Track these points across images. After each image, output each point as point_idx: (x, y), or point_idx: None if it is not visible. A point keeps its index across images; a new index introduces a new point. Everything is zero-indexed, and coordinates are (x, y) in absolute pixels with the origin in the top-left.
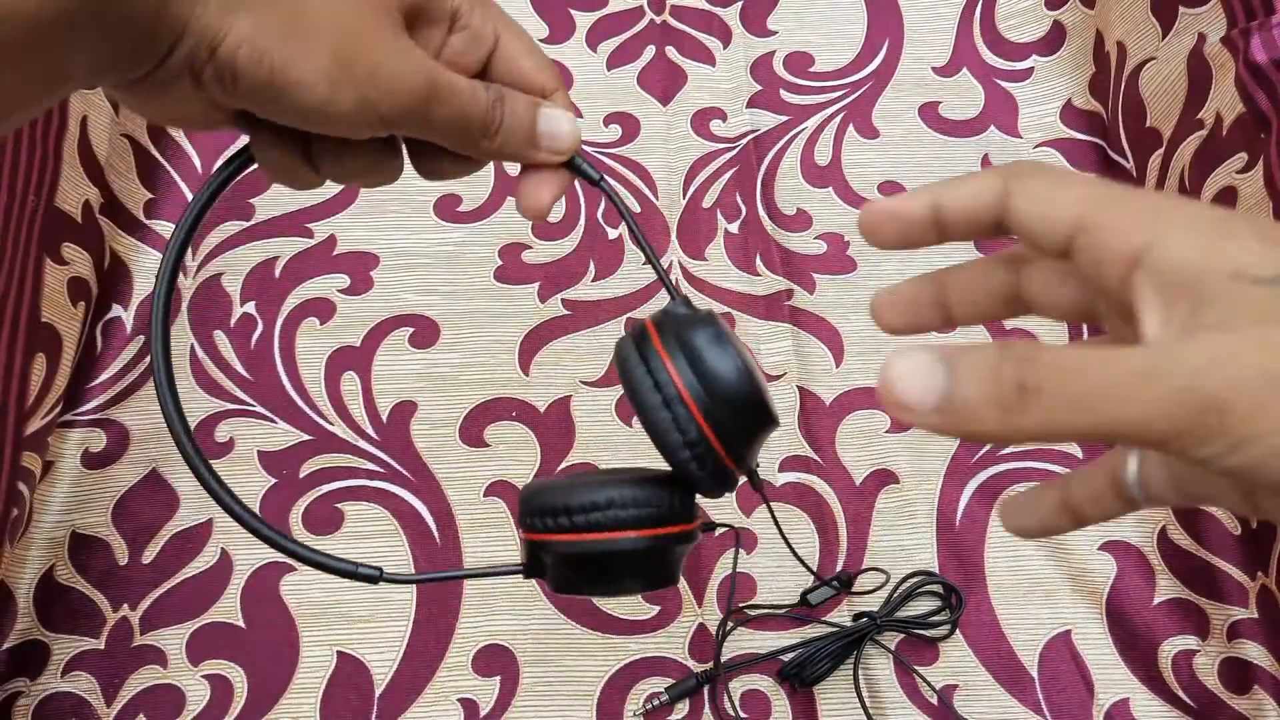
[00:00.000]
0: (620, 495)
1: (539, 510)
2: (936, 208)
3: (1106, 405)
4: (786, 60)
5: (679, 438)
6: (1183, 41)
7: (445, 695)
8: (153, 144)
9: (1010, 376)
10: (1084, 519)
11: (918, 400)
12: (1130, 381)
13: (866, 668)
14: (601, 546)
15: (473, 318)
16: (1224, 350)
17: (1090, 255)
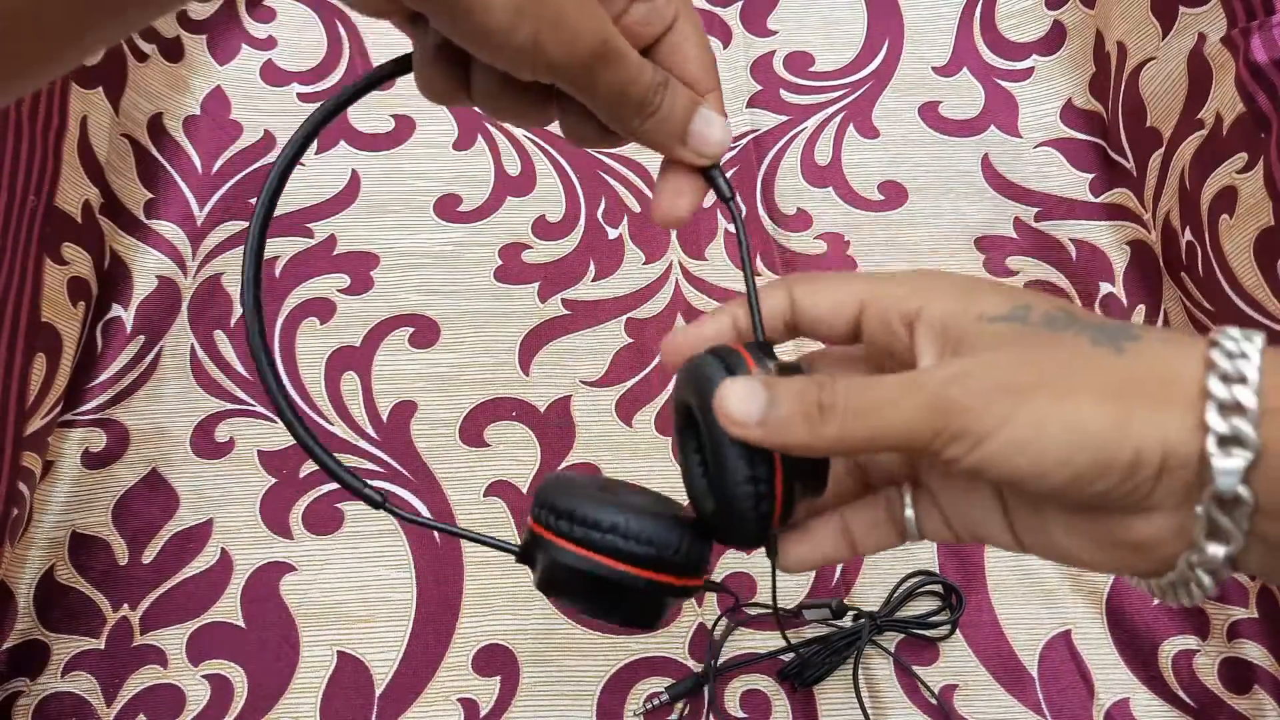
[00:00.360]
0: (634, 526)
1: (550, 505)
2: (735, 322)
3: (880, 415)
4: (786, 60)
5: (746, 478)
6: (1183, 41)
7: (445, 695)
8: (153, 144)
9: (813, 398)
10: (861, 548)
11: (745, 416)
12: (895, 395)
13: (866, 667)
14: (590, 568)
15: (473, 317)
16: (963, 368)
17: (879, 321)
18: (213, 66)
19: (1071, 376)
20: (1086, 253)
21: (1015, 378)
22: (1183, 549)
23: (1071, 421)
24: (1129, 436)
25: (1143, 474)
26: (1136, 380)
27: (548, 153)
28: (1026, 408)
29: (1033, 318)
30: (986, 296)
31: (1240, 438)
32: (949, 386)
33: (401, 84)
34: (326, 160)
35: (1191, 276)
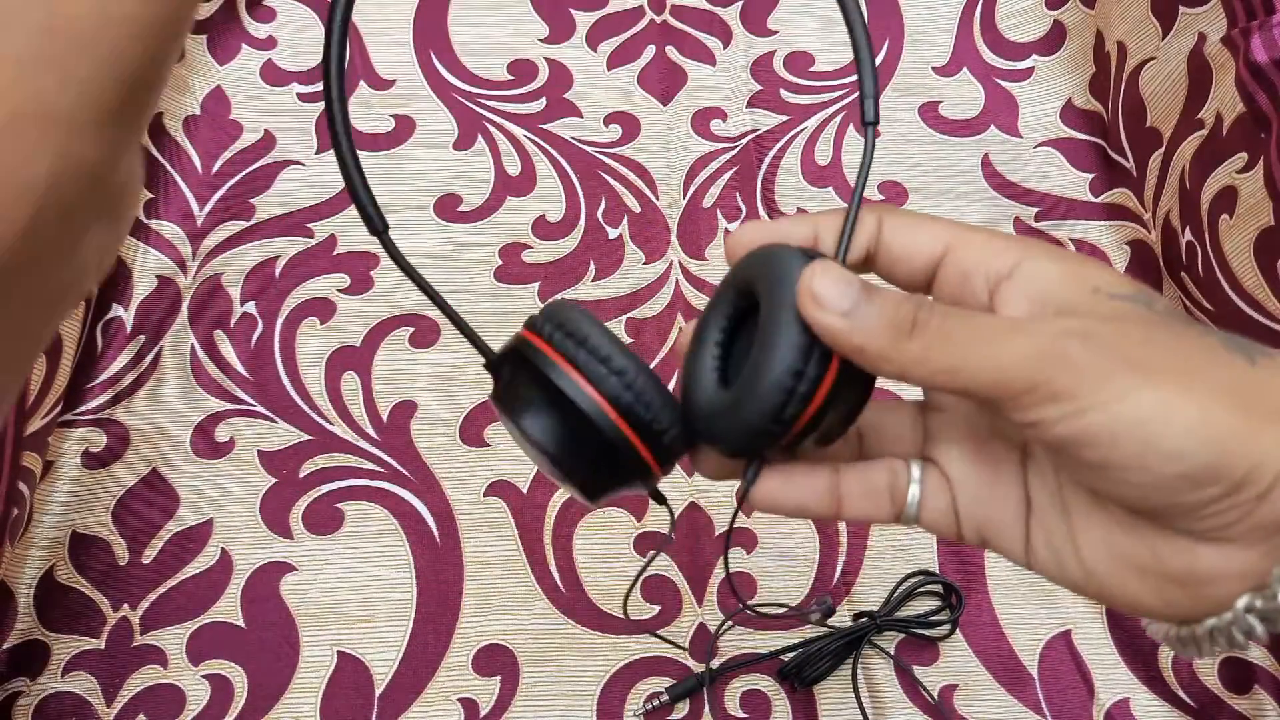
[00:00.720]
0: (636, 378)
1: (560, 322)
2: (815, 235)
3: (975, 347)
4: (787, 60)
5: (790, 368)
6: (1183, 41)
7: (445, 695)
8: (153, 144)
9: (908, 310)
10: (845, 512)
11: (832, 301)
12: (1001, 332)
13: (866, 667)
14: (572, 393)
15: (473, 317)
16: (1086, 327)
17: (957, 272)
18: (213, 66)
19: (1206, 372)
20: (1086, 253)
21: (1145, 355)
22: (1243, 590)
23: (1199, 417)
24: (1251, 450)
25: (1247, 494)
26: (1268, 396)
27: (548, 153)
28: (1153, 390)
29: (1158, 306)
30: (1103, 272)
31: None
32: (1067, 339)
33: (402, 84)
34: (327, 160)
35: (1191, 276)
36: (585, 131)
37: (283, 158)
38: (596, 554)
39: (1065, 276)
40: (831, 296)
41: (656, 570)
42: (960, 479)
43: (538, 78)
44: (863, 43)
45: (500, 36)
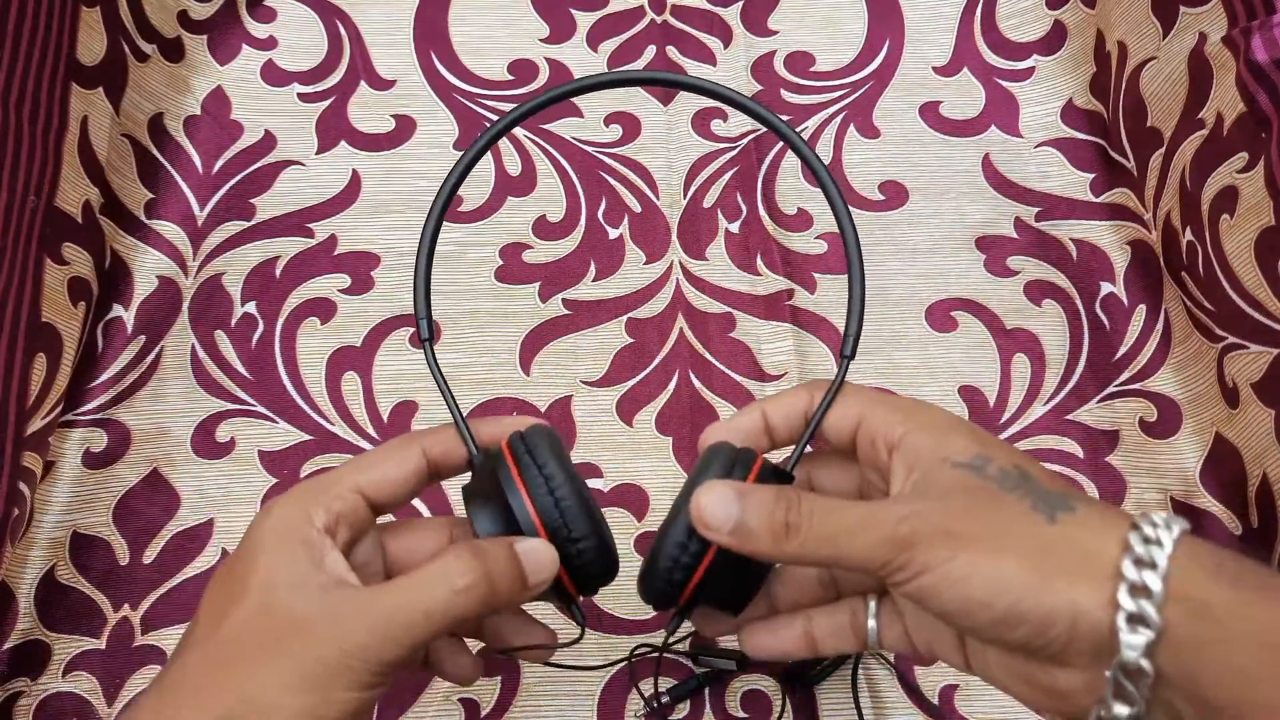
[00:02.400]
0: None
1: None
2: (765, 416)
3: (839, 541)
4: (787, 60)
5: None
6: (1183, 41)
7: (445, 695)
8: (153, 144)
9: (780, 515)
10: (820, 650)
11: (719, 524)
12: (856, 525)
13: (867, 667)
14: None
15: (473, 317)
16: (917, 509)
17: (867, 439)
18: (213, 66)
19: (1006, 536)
20: (1087, 252)
21: (958, 526)
22: (1094, 703)
23: (996, 574)
24: (1043, 598)
25: (1053, 632)
26: (1061, 550)
27: (548, 153)
28: (963, 555)
29: (989, 471)
30: (958, 441)
31: (1145, 617)
32: (901, 525)
33: (402, 84)
34: (327, 160)
35: (1192, 276)
36: (586, 131)
37: (283, 158)
38: None
39: (927, 449)
40: (716, 518)
41: None
42: (908, 611)
43: (538, 78)
44: (857, 292)
45: (500, 36)
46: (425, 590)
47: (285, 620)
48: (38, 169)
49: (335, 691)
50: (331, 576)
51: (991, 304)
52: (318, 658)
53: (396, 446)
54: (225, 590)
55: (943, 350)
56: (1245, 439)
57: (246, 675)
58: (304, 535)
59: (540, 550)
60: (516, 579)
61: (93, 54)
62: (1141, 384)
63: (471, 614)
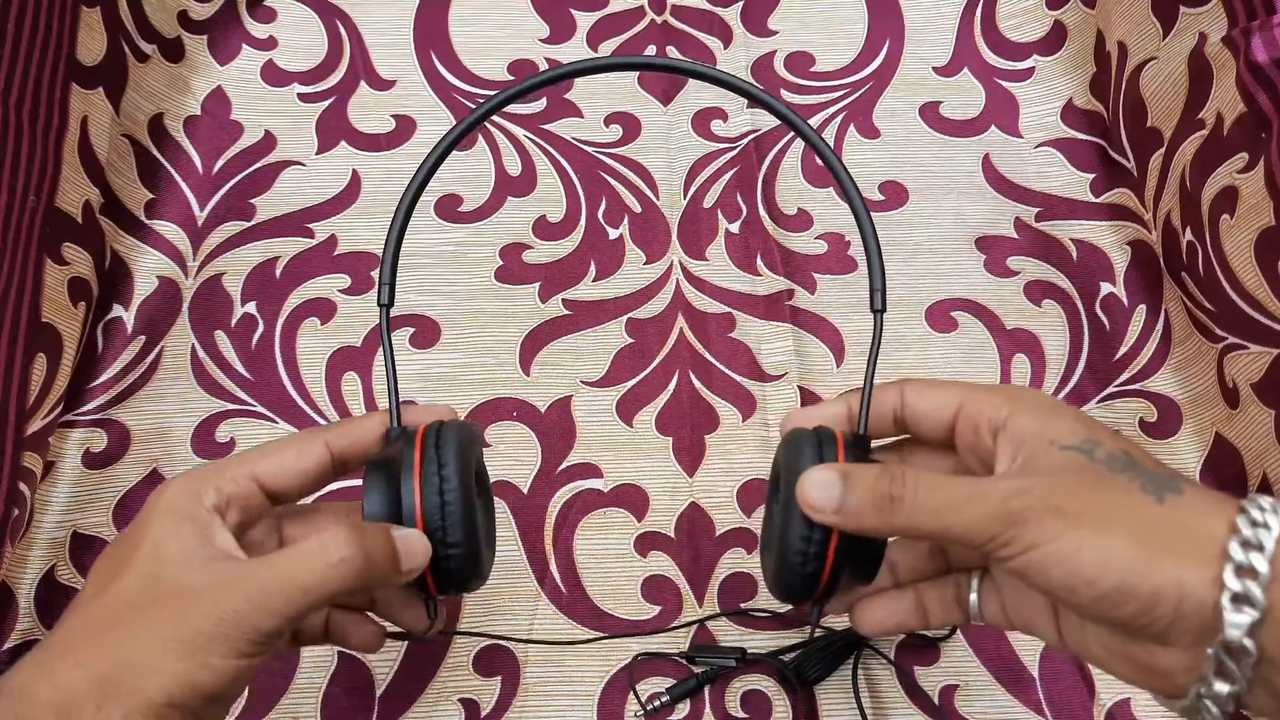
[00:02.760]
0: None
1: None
2: (850, 411)
3: (945, 514)
4: (787, 60)
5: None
6: (1183, 41)
7: (445, 695)
8: (153, 144)
9: (884, 489)
10: (931, 620)
11: (824, 505)
12: (963, 499)
13: (867, 667)
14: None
15: (473, 317)
16: (1026, 485)
17: (970, 423)
18: (213, 66)
19: (1115, 515)
20: (1087, 253)
21: (1068, 504)
22: (1194, 681)
23: (1104, 552)
24: (1150, 576)
25: (1159, 610)
26: (1169, 530)
27: (548, 153)
28: (1072, 532)
29: (1098, 454)
30: (1064, 423)
31: (1250, 597)
32: (1011, 499)
33: (402, 84)
34: (327, 160)
35: (1192, 277)
36: (586, 132)
37: (283, 158)
38: (597, 554)
39: (1034, 431)
40: (820, 501)
41: (657, 570)
42: (1006, 588)
43: None
44: (872, 246)
45: (500, 36)
46: (303, 563)
47: (167, 588)
48: (38, 169)
49: (212, 658)
50: (218, 551)
51: (991, 304)
52: (196, 625)
53: (300, 438)
54: (114, 560)
55: (943, 350)
56: (1245, 439)
57: (125, 638)
58: (193, 513)
59: (415, 541)
60: (390, 560)
61: (93, 54)
62: (1141, 384)
63: (345, 588)
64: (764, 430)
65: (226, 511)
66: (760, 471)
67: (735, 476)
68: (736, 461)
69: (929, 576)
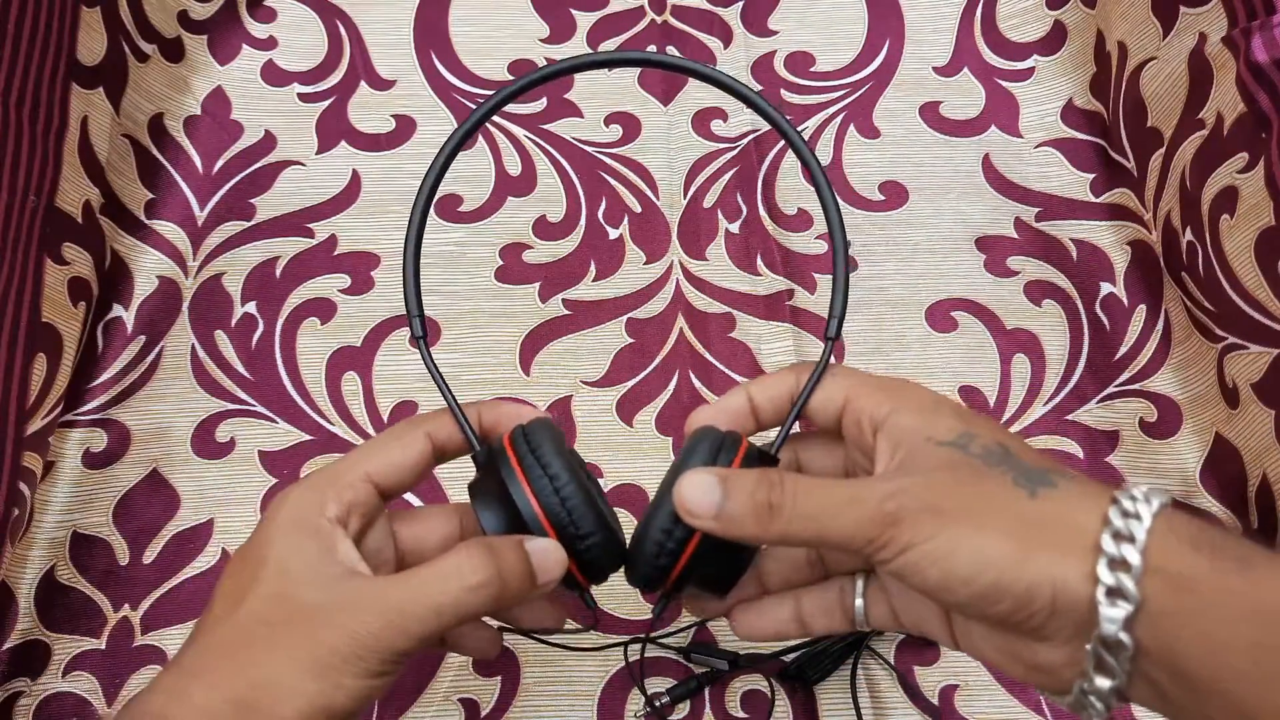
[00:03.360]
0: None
1: (533, 442)
2: (750, 398)
3: (823, 520)
4: (787, 60)
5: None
6: (1183, 41)
7: (445, 695)
8: (153, 144)
9: (762, 497)
10: (811, 629)
11: (701, 510)
12: (840, 504)
13: (867, 667)
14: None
15: (473, 317)
16: (902, 486)
17: (853, 419)
18: (213, 66)
19: (989, 512)
20: (1087, 253)
21: (943, 503)
22: (1077, 676)
23: (978, 549)
24: (1024, 572)
25: (1035, 606)
26: (1041, 525)
27: (548, 153)
28: (946, 531)
29: (973, 448)
30: (942, 419)
31: (1124, 591)
32: (887, 501)
33: (402, 84)
34: (327, 160)
35: (1192, 277)
36: (586, 132)
37: (283, 158)
38: None
39: (912, 428)
40: (697, 505)
41: None
42: (894, 590)
43: None
44: (841, 273)
45: (500, 36)
46: (438, 585)
47: (298, 608)
48: (38, 169)
49: (346, 679)
50: (344, 566)
51: (991, 304)
52: (330, 645)
53: (401, 431)
54: (240, 577)
55: (943, 350)
56: (1245, 439)
57: (260, 659)
58: (316, 525)
59: (550, 551)
60: (526, 578)
61: (93, 54)
62: (1141, 384)
63: (481, 611)
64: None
65: (348, 520)
66: None
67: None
68: None
69: (804, 584)
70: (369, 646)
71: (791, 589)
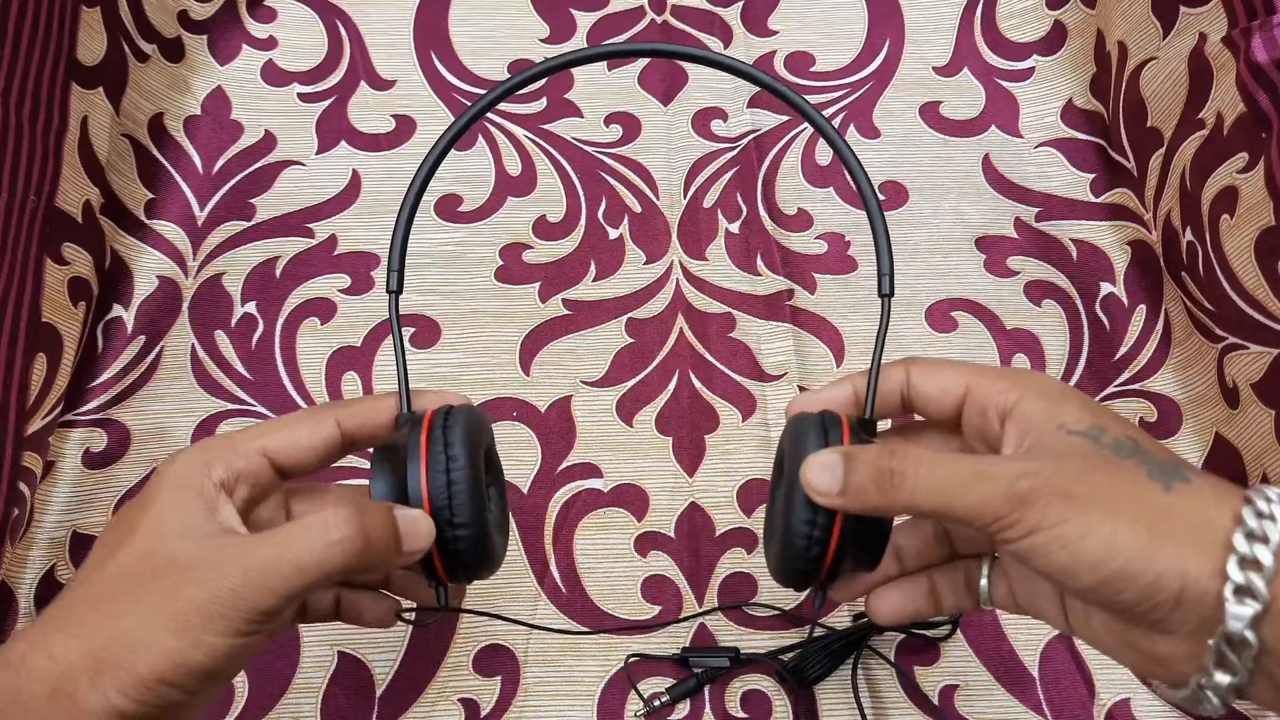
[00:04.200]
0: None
1: (449, 422)
2: (855, 391)
3: (951, 492)
4: (787, 60)
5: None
6: (1183, 41)
7: (445, 695)
8: (153, 144)
9: (886, 465)
10: (944, 606)
11: (827, 488)
12: (969, 477)
13: (867, 667)
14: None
15: (473, 317)
16: (1034, 468)
17: (977, 407)
18: (213, 66)
19: (1121, 501)
20: (1087, 253)
21: (1075, 489)
22: (1195, 671)
23: (1109, 537)
24: (1153, 563)
25: (1160, 597)
26: (1174, 518)
27: (548, 153)
28: (1078, 516)
29: (1105, 440)
30: (1072, 409)
31: (1253, 590)
32: (1018, 480)
33: (402, 84)
34: (327, 160)
35: (1192, 277)
36: (586, 131)
37: (283, 158)
38: (597, 554)
39: (1042, 416)
40: (823, 484)
41: (657, 570)
42: (1014, 572)
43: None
44: (880, 228)
45: (500, 36)
46: (301, 540)
47: (164, 562)
48: (38, 169)
49: (206, 635)
50: (220, 526)
51: (991, 304)
52: (191, 601)
53: (311, 413)
54: (116, 532)
55: (943, 350)
56: (1245, 439)
57: (121, 613)
58: (199, 486)
59: (418, 520)
60: (390, 541)
61: (93, 54)
62: (1141, 384)
63: (345, 567)
64: (764, 430)
65: (235, 487)
66: (761, 471)
67: (735, 476)
68: (736, 462)
69: (935, 562)
70: (229, 604)
71: (924, 568)
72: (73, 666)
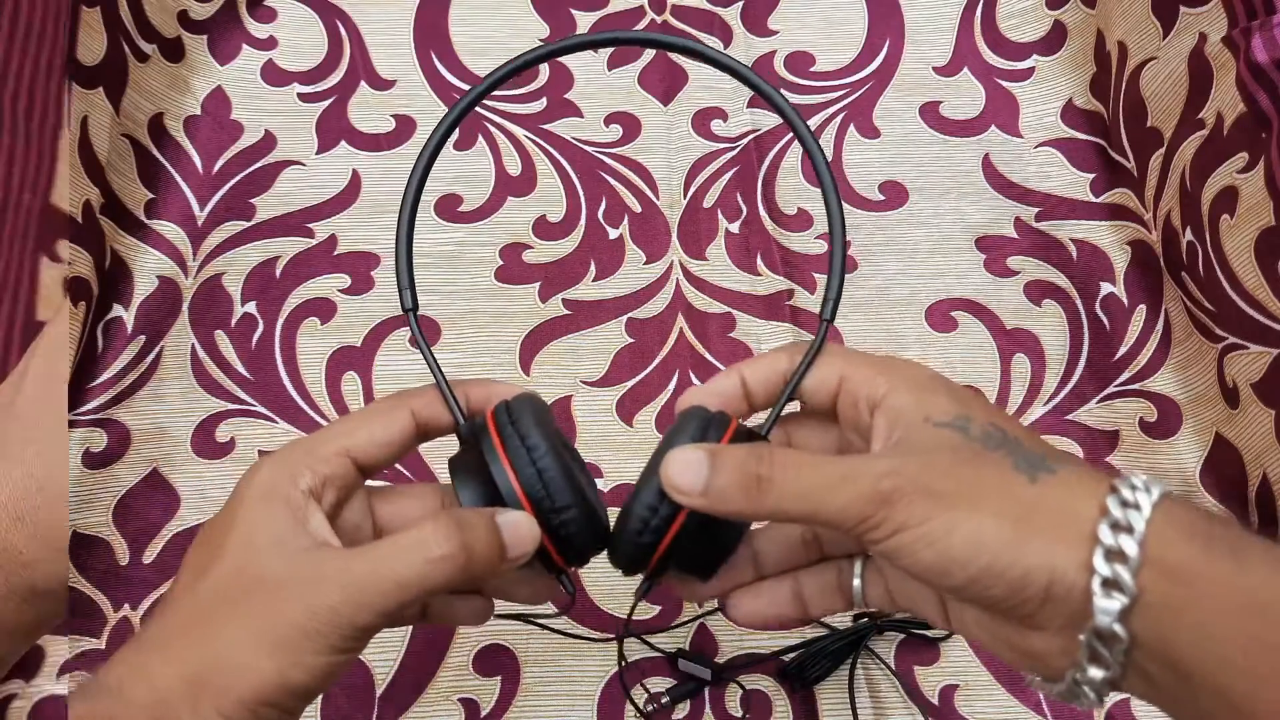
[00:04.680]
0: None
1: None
2: (743, 380)
3: (816, 497)
4: (787, 60)
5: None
6: (1183, 41)
7: (445, 695)
8: (153, 144)
9: (752, 470)
10: (810, 611)
11: (688, 486)
12: (834, 480)
13: (867, 667)
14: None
15: (473, 317)
16: (898, 465)
17: (850, 398)
18: (213, 66)
19: (987, 495)
20: (1087, 253)
21: (940, 485)
22: (1069, 665)
23: (974, 532)
24: (1020, 558)
25: (1028, 593)
26: (1039, 511)
27: (548, 153)
28: (943, 514)
29: (973, 430)
30: (939, 399)
31: (1119, 583)
32: (882, 480)
33: (402, 84)
34: (327, 160)
35: (1192, 277)
36: (586, 131)
37: (283, 158)
38: None
39: (910, 408)
40: (684, 483)
41: None
42: (889, 570)
43: (538, 78)
44: (838, 253)
45: (500, 36)
46: (401, 557)
47: (259, 580)
48: (36, 169)
49: (305, 655)
50: (313, 539)
51: (991, 304)
52: (289, 620)
53: (385, 408)
54: (205, 550)
55: (943, 350)
56: (1245, 439)
57: (217, 635)
58: (287, 496)
59: (521, 523)
60: (495, 551)
61: (93, 54)
62: (1141, 384)
63: (446, 584)
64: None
65: (322, 494)
66: None
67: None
68: None
69: (800, 566)
70: (328, 621)
71: (788, 572)
72: (172, 693)
